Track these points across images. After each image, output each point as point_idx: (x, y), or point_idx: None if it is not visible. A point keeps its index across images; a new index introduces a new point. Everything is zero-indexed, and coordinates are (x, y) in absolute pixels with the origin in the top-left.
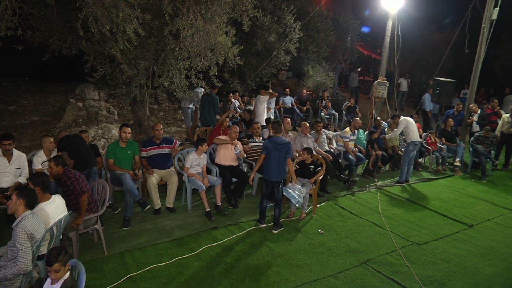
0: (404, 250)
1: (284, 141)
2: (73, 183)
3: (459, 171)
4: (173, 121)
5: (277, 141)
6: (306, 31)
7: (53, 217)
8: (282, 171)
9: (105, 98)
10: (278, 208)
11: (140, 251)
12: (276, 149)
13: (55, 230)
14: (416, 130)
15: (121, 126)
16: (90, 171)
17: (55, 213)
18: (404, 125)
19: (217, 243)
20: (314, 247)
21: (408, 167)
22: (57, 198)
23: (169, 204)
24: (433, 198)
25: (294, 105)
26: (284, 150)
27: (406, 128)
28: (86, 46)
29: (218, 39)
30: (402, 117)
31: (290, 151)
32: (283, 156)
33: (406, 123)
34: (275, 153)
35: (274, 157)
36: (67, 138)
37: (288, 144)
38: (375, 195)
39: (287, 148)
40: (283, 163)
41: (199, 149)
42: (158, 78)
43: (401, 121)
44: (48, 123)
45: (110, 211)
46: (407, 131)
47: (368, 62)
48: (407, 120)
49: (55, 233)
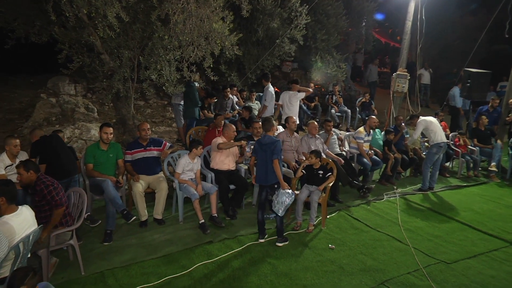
0: (429, 269)
1: (270, 140)
2: (51, 192)
3: (495, 178)
4: (162, 119)
5: (262, 141)
6: (314, 16)
7: (19, 232)
8: (271, 174)
9: (83, 93)
10: (279, 217)
11: (124, 270)
12: (262, 150)
13: (21, 247)
14: (440, 130)
15: (101, 125)
16: (71, 180)
17: (21, 227)
18: (423, 126)
19: (212, 260)
20: (323, 265)
21: (432, 172)
22: (25, 209)
23: (157, 215)
24: (463, 209)
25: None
26: (270, 151)
27: (426, 129)
28: (59, 33)
29: (213, 26)
30: (421, 118)
31: (276, 151)
32: (270, 157)
33: (425, 124)
34: (261, 154)
35: (260, 159)
36: (44, 140)
37: (273, 143)
38: (394, 205)
39: (272, 148)
40: (271, 165)
41: (193, 152)
42: (144, 70)
43: (419, 123)
44: (14, 122)
45: (88, 224)
46: (428, 132)
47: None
48: (427, 121)
49: (21, 251)
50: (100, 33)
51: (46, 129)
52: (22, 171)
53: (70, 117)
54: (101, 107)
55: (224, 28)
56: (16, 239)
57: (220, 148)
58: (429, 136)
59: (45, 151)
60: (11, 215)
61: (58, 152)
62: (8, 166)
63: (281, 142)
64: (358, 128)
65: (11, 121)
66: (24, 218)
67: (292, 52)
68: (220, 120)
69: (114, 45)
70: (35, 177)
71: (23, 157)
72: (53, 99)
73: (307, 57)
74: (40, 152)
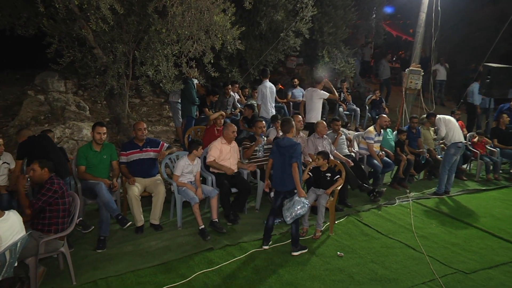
0: (446, 279)
1: (290, 142)
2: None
3: None
4: (159, 118)
5: (280, 143)
6: (321, 7)
7: (5, 239)
8: (288, 178)
9: (73, 90)
10: (295, 224)
11: (118, 279)
12: (280, 153)
13: (7, 256)
14: (458, 129)
15: (94, 125)
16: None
17: (8, 234)
18: (443, 124)
19: (213, 268)
20: (332, 274)
21: (449, 175)
22: (12, 214)
23: (154, 221)
24: (482, 215)
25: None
26: (289, 154)
27: (445, 127)
28: (48, 25)
29: (214, 18)
30: (439, 116)
31: (295, 154)
32: (288, 160)
33: (445, 122)
34: (278, 157)
35: (277, 162)
36: (33, 140)
37: (293, 146)
38: (407, 210)
39: (291, 152)
40: (289, 169)
41: (193, 153)
42: (140, 66)
43: (439, 120)
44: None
45: (80, 230)
46: (446, 131)
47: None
48: (446, 119)
49: (8, 259)
50: (92, 26)
51: (34, 128)
52: (36, 167)
53: (60, 116)
54: (93, 105)
55: (226, 21)
56: (2, 246)
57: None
58: (446, 135)
59: (34, 152)
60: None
61: (48, 153)
62: None
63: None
64: (368, 127)
65: None
66: (12, 224)
67: (297, 47)
68: (220, 118)
69: (107, 39)
70: (48, 176)
71: (7, 158)
72: (42, 97)
73: (314, 51)
74: (28, 154)
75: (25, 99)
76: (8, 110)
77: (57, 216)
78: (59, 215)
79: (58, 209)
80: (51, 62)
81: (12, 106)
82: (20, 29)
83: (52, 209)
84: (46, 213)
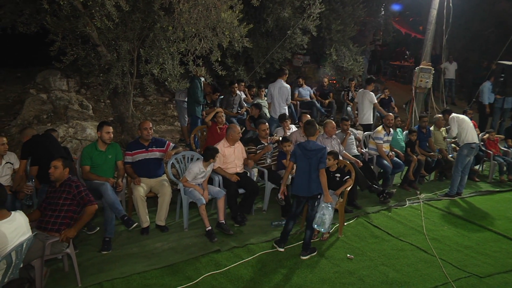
0: (460, 283)
1: (317, 146)
2: (81, 192)
3: None
4: (163, 117)
5: (306, 147)
6: (329, 4)
7: (11, 240)
8: (314, 184)
9: (76, 88)
10: (310, 230)
11: (124, 281)
12: (306, 156)
13: (13, 256)
14: (472, 129)
15: (100, 124)
16: None
17: (14, 235)
18: (456, 123)
19: (220, 271)
20: (341, 276)
21: (462, 176)
22: (19, 215)
23: (160, 222)
24: (496, 217)
25: (314, 98)
26: (316, 158)
27: (458, 127)
28: (51, 22)
29: (221, 15)
30: (453, 114)
31: (324, 159)
32: (314, 165)
33: (457, 121)
34: (304, 161)
35: (302, 166)
36: (36, 140)
37: (321, 150)
38: (418, 212)
39: (320, 156)
40: (315, 174)
41: (210, 161)
42: (145, 64)
43: (452, 119)
44: (0, 120)
45: (85, 231)
46: (459, 130)
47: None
48: (459, 118)
49: (14, 260)
50: (97, 23)
51: (37, 127)
52: (60, 165)
53: (62, 115)
54: (96, 104)
55: (234, 18)
56: (8, 247)
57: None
58: (459, 135)
59: (37, 152)
60: (2, 221)
61: (52, 153)
62: None
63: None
64: (377, 127)
65: None
66: (18, 224)
67: (304, 44)
68: (219, 116)
69: (111, 36)
70: (67, 177)
71: (10, 158)
72: (44, 95)
73: (321, 49)
74: (31, 153)
75: (27, 97)
76: (10, 109)
77: (71, 217)
78: (73, 217)
79: (75, 210)
80: (53, 60)
81: (13, 105)
82: (21, 27)
83: (70, 210)
84: (62, 213)
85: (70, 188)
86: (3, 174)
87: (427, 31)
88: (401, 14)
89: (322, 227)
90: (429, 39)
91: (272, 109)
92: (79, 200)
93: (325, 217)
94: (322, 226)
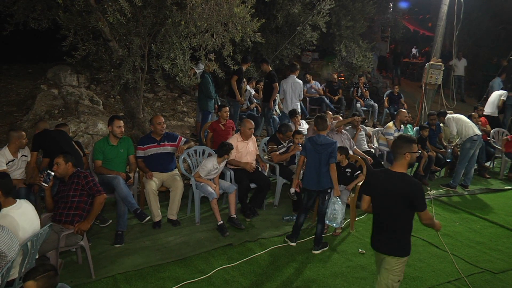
0: (473, 278)
1: (328, 140)
2: (89, 182)
3: None
4: (173, 113)
5: (317, 141)
6: (339, 0)
7: (22, 226)
8: (324, 178)
9: (86, 84)
10: (321, 224)
11: (137, 274)
12: (316, 151)
13: (29, 246)
14: (469, 123)
15: (111, 119)
16: None
17: (23, 220)
18: (454, 123)
19: (232, 264)
20: (354, 271)
21: (468, 169)
22: (24, 202)
23: (172, 216)
24: (508, 213)
25: (322, 94)
26: (326, 153)
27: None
28: (64, 18)
29: (234, 10)
30: (448, 115)
31: (334, 154)
32: (325, 159)
33: (454, 120)
34: (314, 155)
35: (312, 161)
36: (46, 133)
37: (332, 144)
38: (429, 207)
39: (330, 150)
40: (325, 168)
41: (224, 157)
42: (156, 59)
43: (448, 119)
44: (12, 114)
45: (98, 224)
46: (458, 128)
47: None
48: (454, 117)
49: (29, 250)
50: (109, 18)
51: (48, 122)
52: (61, 161)
53: (74, 110)
54: (106, 100)
55: (246, 13)
56: (19, 232)
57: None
58: (460, 133)
59: (47, 145)
60: (10, 207)
61: (61, 147)
62: (10, 161)
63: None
64: (386, 123)
65: (10, 114)
66: (24, 211)
67: (314, 41)
68: (223, 112)
69: (123, 31)
70: (72, 171)
71: (24, 151)
72: (55, 91)
73: (330, 45)
74: (41, 146)
75: (38, 93)
76: (22, 104)
77: (83, 208)
78: (85, 208)
79: (86, 201)
80: (66, 55)
81: (25, 100)
82: (33, 23)
83: (81, 200)
84: (74, 204)
85: (78, 179)
86: (19, 166)
87: (437, 27)
88: (410, 12)
89: (334, 222)
90: (439, 35)
91: (284, 105)
92: (88, 190)
93: (337, 212)
94: (334, 221)
